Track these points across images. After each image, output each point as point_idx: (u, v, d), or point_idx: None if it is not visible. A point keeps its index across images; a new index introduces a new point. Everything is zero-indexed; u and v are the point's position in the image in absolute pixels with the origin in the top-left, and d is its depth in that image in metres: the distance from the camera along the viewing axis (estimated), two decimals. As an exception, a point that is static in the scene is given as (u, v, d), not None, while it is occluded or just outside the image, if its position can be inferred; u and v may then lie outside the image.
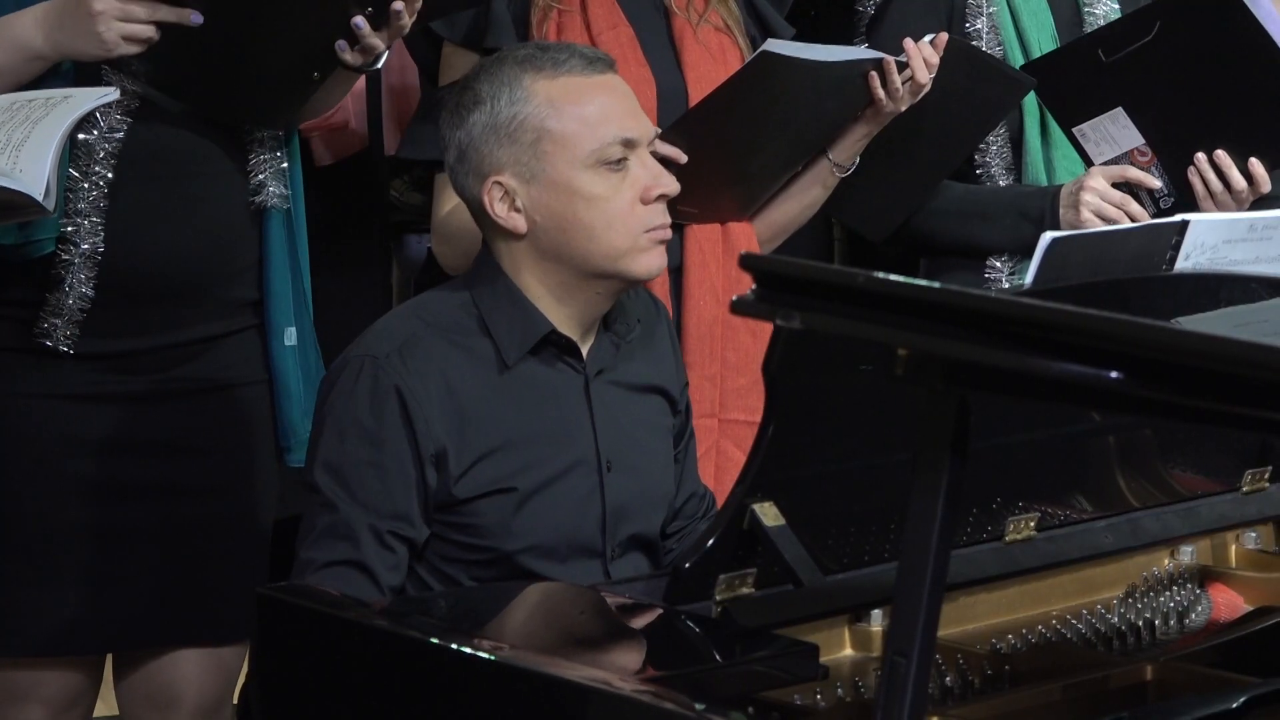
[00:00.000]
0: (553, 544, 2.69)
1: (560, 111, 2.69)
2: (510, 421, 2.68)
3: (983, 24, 3.42)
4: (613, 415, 2.76)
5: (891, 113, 3.21)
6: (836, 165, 3.26)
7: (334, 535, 2.61)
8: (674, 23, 3.23)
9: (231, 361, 2.91)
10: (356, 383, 2.64)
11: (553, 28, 3.15)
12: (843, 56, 3.14)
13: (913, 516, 1.90)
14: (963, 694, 2.36)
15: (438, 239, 3.19)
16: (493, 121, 2.70)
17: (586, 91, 2.71)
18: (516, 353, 2.70)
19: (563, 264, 2.71)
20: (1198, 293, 2.55)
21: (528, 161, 2.69)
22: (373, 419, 2.62)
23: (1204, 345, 1.69)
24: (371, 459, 2.61)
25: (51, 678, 2.89)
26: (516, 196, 2.70)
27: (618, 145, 2.70)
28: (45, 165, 2.49)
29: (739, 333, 3.14)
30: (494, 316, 2.71)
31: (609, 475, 2.74)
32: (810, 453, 2.38)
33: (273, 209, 2.89)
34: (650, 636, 2.38)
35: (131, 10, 2.65)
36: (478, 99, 2.72)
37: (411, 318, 2.73)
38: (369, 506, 2.61)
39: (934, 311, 1.81)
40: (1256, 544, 2.88)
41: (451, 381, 2.66)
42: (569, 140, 2.69)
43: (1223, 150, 3.35)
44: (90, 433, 2.84)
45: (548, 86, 2.70)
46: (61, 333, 2.79)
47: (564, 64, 2.72)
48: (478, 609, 2.50)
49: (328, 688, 2.33)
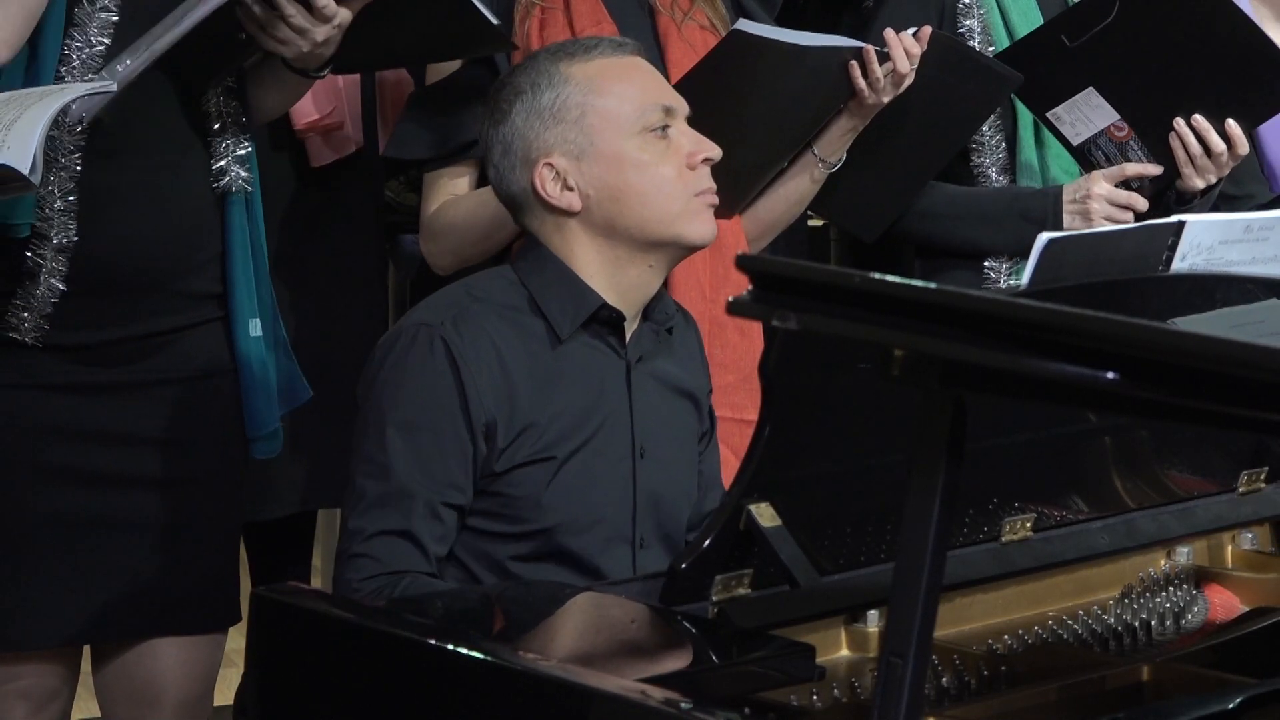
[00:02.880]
0: (584, 522, 2.71)
1: (600, 87, 2.77)
2: (555, 398, 2.72)
3: (974, 24, 3.42)
4: (650, 405, 2.80)
5: (875, 105, 3.20)
6: (822, 160, 3.26)
7: (384, 504, 2.63)
8: (658, 21, 3.24)
9: (198, 352, 2.92)
10: (411, 350, 2.68)
11: (535, 25, 3.16)
12: (818, 42, 3.13)
13: (909, 517, 1.90)
14: (959, 695, 2.36)
15: (425, 236, 3.20)
16: (536, 107, 2.76)
17: (621, 69, 2.79)
18: (570, 326, 2.74)
19: (617, 237, 2.76)
20: (1194, 293, 2.54)
21: (575, 138, 2.75)
22: (427, 387, 2.66)
23: (1200, 346, 1.69)
24: (426, 426, 2.65)
25: (28, 671, 2.90)
26: (568, 175, 2.76)
27: (659, 112, 2.77)
28: (32, 141, 2.54)
29: (727, 330, 3.14)
30: (545, 295, 2.76)
31: (641, 462, 2.77)
32: (807, 453, 2.38)
33: (235, 193, 2.90)
34: (646, 637, 2.38)
35: None
36: (517, 90, 2.78)
37: (463, 296, 2.78)
38: (422, 475, 2.64)
39: (930, 312, 1.81)
40: (1253, 544, 2.88)
41: (502, 354, 2.70)
42: (613, 112, 2.76)
43: (1199, 115, 3.35)
44: (59, 424, 2.85)
45: (583, 68, 2.78)
46: (29, 325, 2.80)
47: (594, 49, 2.80)
48: (473, 610, 2.50)
49: (323, 688, 2.33)
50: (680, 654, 2.34)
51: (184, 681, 2.97)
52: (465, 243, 3.13)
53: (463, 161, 3.18)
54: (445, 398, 2.66)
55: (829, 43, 3.15)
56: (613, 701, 2.06)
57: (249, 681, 2.45)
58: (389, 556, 2.61)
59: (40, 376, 2.83)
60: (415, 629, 2.28)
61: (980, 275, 3.47)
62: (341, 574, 2.65)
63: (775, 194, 3.29)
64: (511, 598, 2.55)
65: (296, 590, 2.50)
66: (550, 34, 3.15)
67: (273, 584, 2.53)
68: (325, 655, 2.34)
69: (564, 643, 2.41)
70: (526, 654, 2.22)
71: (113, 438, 2.87)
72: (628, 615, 2.42)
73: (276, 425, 2.99)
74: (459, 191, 3.18)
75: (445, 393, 2.66)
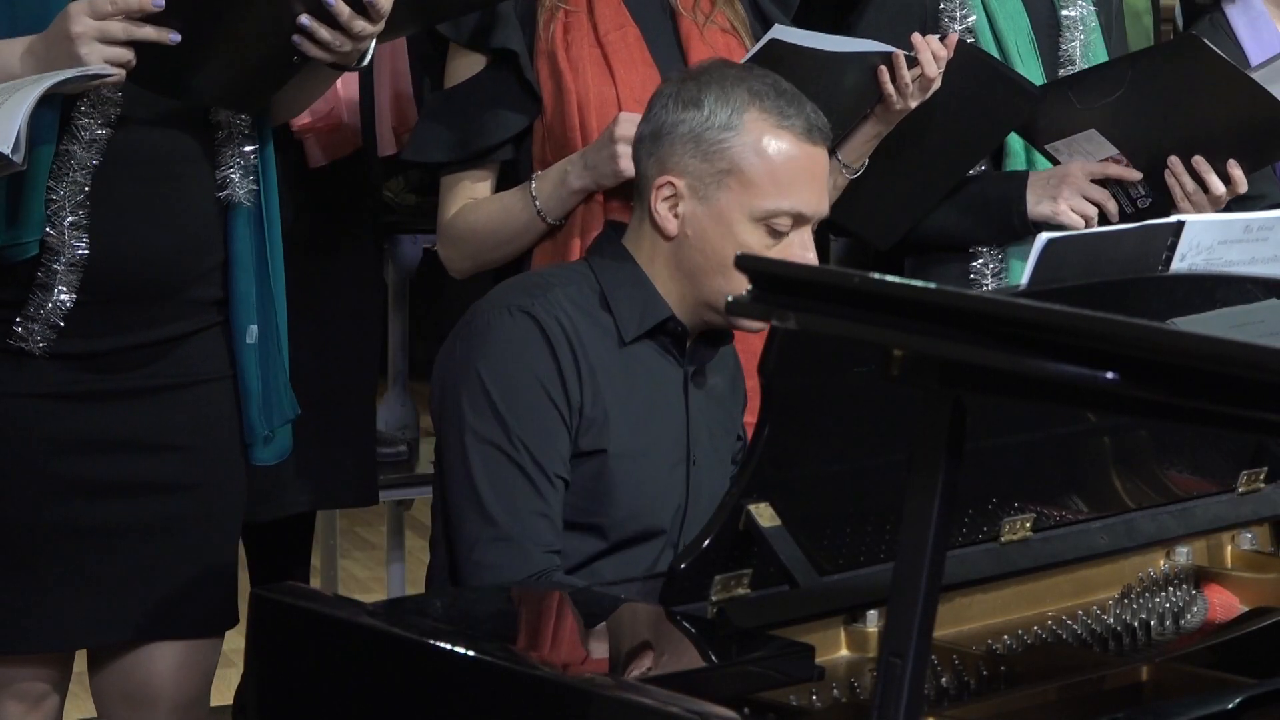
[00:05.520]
0: (632, 519, 2.73)
1: (761, 159, 2.73)
2: (620, 395, 2.73)
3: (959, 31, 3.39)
4: (705, 415, 2.83)
5: (901, 111, 3.20)
6: (845, 166, 3.25)
7: (514, 490, 2.65)
8: (680, 24, 3.23)
9: (197, 358, 2.92)
10: (503, 328, 2.70)
11: (559, 29, 3.15)
12: (851, 48, 3.13)
13: (908, 517, 1.90)
14: (958, 695, 2.36)
15: (444, 241, 3.19)
16: (701, 132, 2.75)
17: (793, 155, 2.75)
18: (635, 330, 2.76)
19: (690, 281, 2.77)
20: (1193, 293, 2.55)
21: (708, 183, 2.74)
22: (526, 363, 2.69)
23: (1199, 346, 1.69)
24: (532, 401, 2.68)
25: (24, 674, 2.90)
26: (681, 203, 2.75)
27: (789, 216, 2.74)
28: (16, 123, 2.52)
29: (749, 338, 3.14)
30: (617, 293, 2.77)
31: (694, 469, 2.79)
32: (806, 453, 2.39)
33: (239, 205, 2.89)
34: (646, 637, 2.38)
35: (109, 30, 2.65)
36: (698, 101, 2.76)
37: (539, 284, 2.79)
38: (538, 446, 2.66)
39: (930, 312, 1.81)
40: (1252, 544, 2.88)
41: (579, 341, 2.72)
42: (753, 188, 2.73)
43: (1200, 156, 3.36)
44: (61, 430, 2.84)
45: (763, 130, 2.74)
46: (37, 336, 2.80)
47: (789, 118, 2.75)
48: (473, 610, 2.50)
49: (323, 688, 2.33)
50: (680, 654, 2.34)
51: (180, 684, 2.97)
52: (485, 248, 3.12)
53: (483, 166, 3.17)
54: (546, 373, 2.69)
55: (860, 48, 3.15)
56: (613, 702, 2.06)
57: (248, 681, 2.45)
58: (537, 541, 2.63)
59: (42, 386, 2.83)
60: (415, 629, 2.28)
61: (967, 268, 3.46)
62: (488, 562, 2.64)
63: None
64: (511, 598, 2.55)
65: (296, 590, 2.50)
66: (573, 37, 3.13)
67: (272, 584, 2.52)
68: (325, 655, 2.34)
69: (564, 643, 2.41)
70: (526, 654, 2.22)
71: (113, 443, 2.87)
72: (627, 615, 2.42)
73: (270, 432, 2.98)
74: (478, 195, 3.17)
75: (545, 369, 2.69)
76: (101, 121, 2.77)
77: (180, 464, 2.91)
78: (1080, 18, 3.49)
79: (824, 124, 2.80)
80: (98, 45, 2.65)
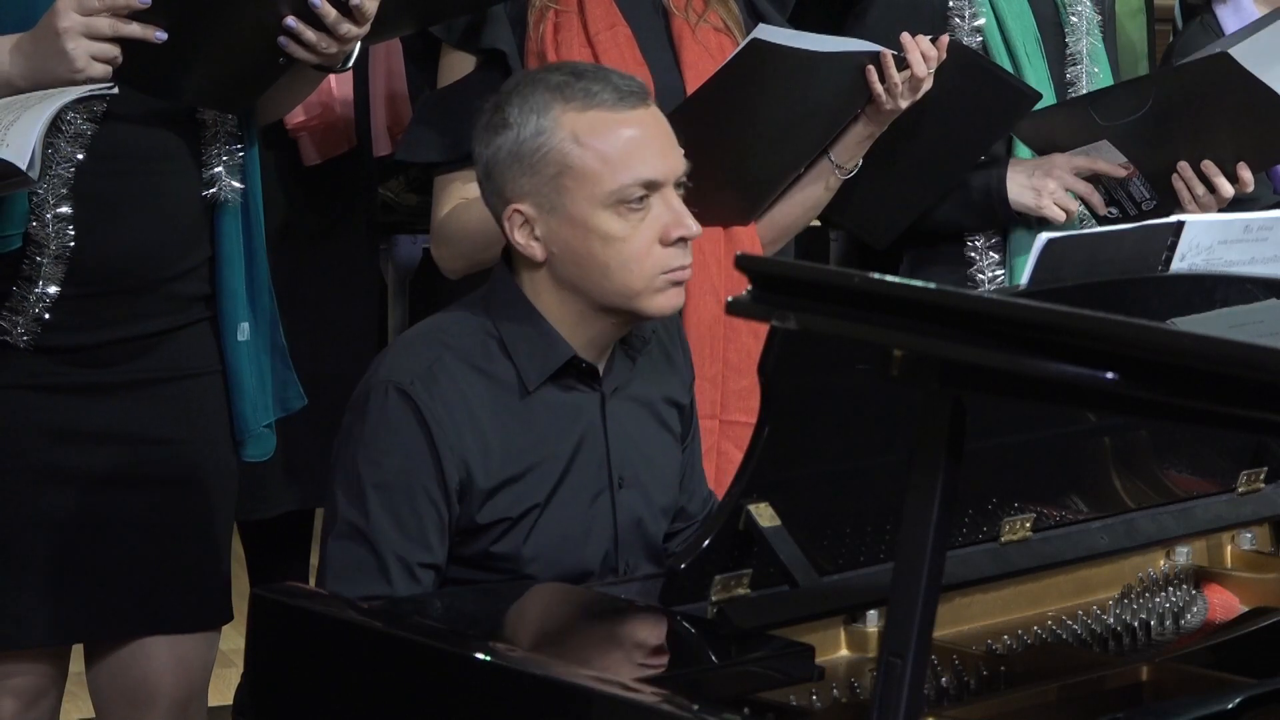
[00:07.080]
0: (565, 564, 2.66)
1: (584, 147, 2.65)
2: (529, 448, 2.66)
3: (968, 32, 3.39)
4: (627, 431, 2.75)
5: (892, 111, 3.18)
6: (838, 166, 3.24)
7: (362, 569, 2.58)
8: (673, 23, 3.22)
9: (184, 353, 2.92)
10: (382, 411, 2.62)
11: (550, 28, 3.14)
12: (836, 47, 3.12)
13: (908, 517, 1.90)
14: (958, 695, 2.36)
15: (436, 242, 3.18)
16: (517, 149, 2.67)
17: (613, 128, 2.66)
18: (537, 378, 2.68)
19: (579, 295, 2.68)
20: (1193, 293, 2.55)
21: (548, 194, 2.66)
22: (399, 449, 2.60)
23: (1199, 346, 1.69)
24: (399, 488, 2.59)
25: (19, 670, 2.90)
26: (535, 225, 2.67)
27: (638, 186, 2.66)
28: (31, 138, 2.54)
29: (741, 334, 3.13)
30: (515, 342, 2.68)
31: (620, 492, 2.72)
32: (806, 453, 2.38)
33: (226, 202, 2.90)
34: (645, 637, 2.38)
35: (95, 25, 2.66)
36: (505, 123, 2.68)
37: (434, 342, 2.70)
38: (398, 538, 2.58)
39: (929, 312, 1.81)
40: (1252, 545, 2.88)
41: (474, 410, 2.64)
42: (589, 178, 2.65)
43: (1209, 161, 3.36)
44: (48, 422, 2.85)
45: (575, 119, 2.66)
46: (20, 329, 2.80)
47: (595, 96, 2.67)
48: (473, 610, 2.50)
49: (322, 688, 2.33)
50: (680, 654, 2.34)
51: (177, 680, 2.97)
52: (477, 248, 3.10)
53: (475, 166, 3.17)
54: (416, 461, 2.59)
55: (846, 48, 3.13)
56: (613, 702, 2.06)
57: (248, 681, 2.45)
58: None
59: (30, 378, 2.84)
60: (415, 629, 2.28)
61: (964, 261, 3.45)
62: None
63: (791, 199, 3.27)
64: (511, 598, 2.55)
65: (295, 590, 2.50)
66: (564, 36, 3.12)
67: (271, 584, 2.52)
68: (324, 655, 2.34)
69: (564, 643, 2.41)
70: (526, 654, 2.22)
71: (103, 437, 2.87)
72: (628, 615, 2.42)
73: (261, 429, 2.98)
74: (470, 196, 3.15)
75: (416, 456, 2.60)
76: (87, 117, 2.78)
77: (168, 458, 2.91)
78: (1083, 13, 3.49)
79: (636, 85, 2.71)
80: (84, 41, 2.66)
